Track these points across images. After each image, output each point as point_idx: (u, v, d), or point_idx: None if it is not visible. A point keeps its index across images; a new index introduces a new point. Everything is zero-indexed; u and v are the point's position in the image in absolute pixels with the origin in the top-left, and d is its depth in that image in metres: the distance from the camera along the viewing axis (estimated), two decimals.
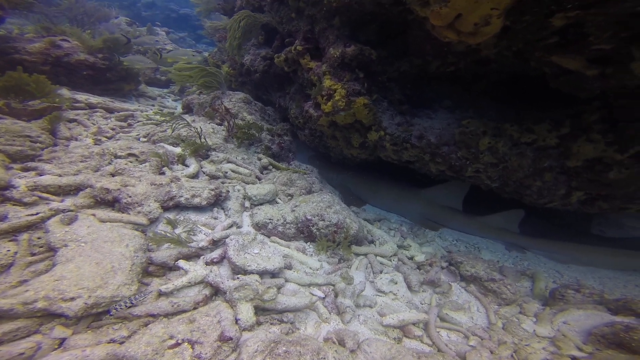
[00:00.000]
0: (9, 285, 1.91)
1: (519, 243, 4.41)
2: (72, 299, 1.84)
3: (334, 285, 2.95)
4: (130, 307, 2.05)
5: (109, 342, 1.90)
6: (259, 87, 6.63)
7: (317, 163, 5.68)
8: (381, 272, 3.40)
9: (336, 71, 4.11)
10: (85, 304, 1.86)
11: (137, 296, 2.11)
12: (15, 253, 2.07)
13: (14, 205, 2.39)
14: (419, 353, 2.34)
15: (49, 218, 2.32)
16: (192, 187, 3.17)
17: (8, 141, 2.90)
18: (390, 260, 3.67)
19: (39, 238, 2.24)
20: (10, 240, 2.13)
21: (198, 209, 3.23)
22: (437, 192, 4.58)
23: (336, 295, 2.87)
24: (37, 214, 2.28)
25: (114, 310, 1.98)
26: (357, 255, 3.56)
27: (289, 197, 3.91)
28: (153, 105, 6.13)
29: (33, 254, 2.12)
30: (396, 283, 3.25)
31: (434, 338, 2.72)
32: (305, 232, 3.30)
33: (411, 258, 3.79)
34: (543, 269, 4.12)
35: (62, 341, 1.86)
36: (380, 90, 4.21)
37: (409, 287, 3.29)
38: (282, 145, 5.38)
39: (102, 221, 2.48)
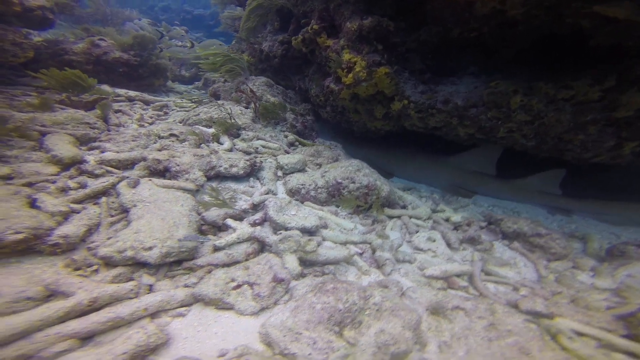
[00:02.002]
0: (104, 239, 2.25)
1: (562, 206, 4.04)
2: (150, 248, 2.14)
3: (369, 243, 2.98)
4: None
5: (185, 287, 2.19)
6: (278, 73, 6.78)
7: (340, 140, 5.77)
8: (416, 232, 3.36)
9: (354, 44, 4.13)
10: (160, 252, 2.16)
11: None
12: (100, 214, 2.41)
13: (88, 177, 2.75)
14: (467, 298, 2.34)
15: (118, 183, 2.67)
16: (229, 158, 3.43)
17: (74, 127, 3.29)
18: (426, 223, 3.58)
19: (112, 202, 2.58)
20: (94, 204, 2.48)
21: (236, 178, 3.48)
22: (466, 158, 4.38)
23: (374, 252, 2.91)
24: (108, 180, 2.62)
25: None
26: (390, 217, 3.56)
27: (318, 167, 4.08)
28: (182, 99, 6.49)
29: (112, 215, 2.45)
30: (434, 241, 3.18)
31: (481, 289, 2.63)
32: (336, 195, 3.44)
33: (447, 220, 3.67)
34: (595, 232, 3.74)
35: (150, 287, 2.14)
36: (400, 62, 4.18)
37: (448, 245, 3.19)
38: (305, 124, 5.54)
39: (157, 186, 2.79)
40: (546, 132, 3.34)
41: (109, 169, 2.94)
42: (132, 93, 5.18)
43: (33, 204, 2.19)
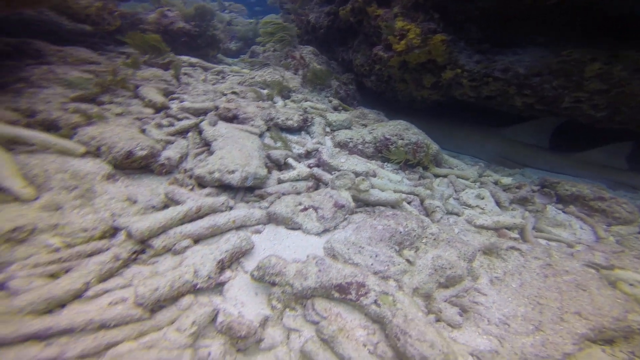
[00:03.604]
0: (194, 164, 2.70)
1: (628, 181, 3.77)
2: (233, 171, 2.44)
3: (418, 194, 2.98)
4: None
5: (259, 208, 2.47)
6: (322, 44, 6.90)
7: (382, 109, 5.87)
8: (464, 190, 3.31)
9: (409, 12, 4.03)
10: (241, 175, 2.45)
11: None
12: (188, 145, 2.88)
13: (174, 119, 3.25)
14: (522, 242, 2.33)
15: (200, 122, 3.07)
16: (285, 112, 3.70)
17: (157, 82, 3.79)
18: (473, 184, 3.48)
19: (195, 138, 3.05)
20: (183, 138, 2.95)
21: (290, 130, 3.72)
22: (519, 130, 4.23)
23: (422, 201, 2.92)
24: (191, 120, 3.09)
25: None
26: (437, 176, 3.53)
27: (363, 127, 4.25)
28: (243, 62, 6.92)
29: (196, 147, 2.92)
30: (483, 198, 3.10)
31: (532, 242, 2.57)
32: (383, 151, 3.54)
33: (496, 182, 3.55)
34: None
35: (230, 208, 2.43)
36: (456, 31, 4.04)
37: (498, 203, 3.09)
38: (348, 92, 5.70)
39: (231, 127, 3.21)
40: (623, 102, 3.13)
41: (187, 115, 3.42)
42: (193, 59, 5.67)
43: (144, 132, 2.70)
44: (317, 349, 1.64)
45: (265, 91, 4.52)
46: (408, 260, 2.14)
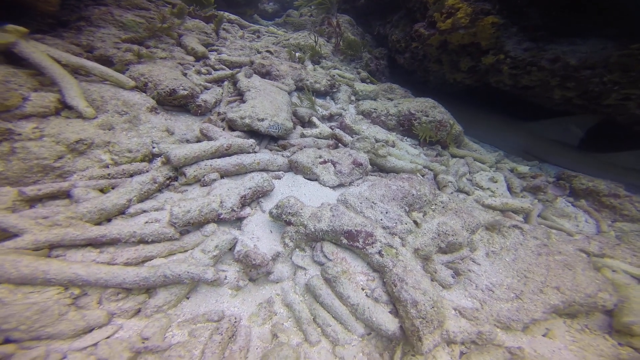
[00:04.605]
0: (225, 110, 2.83)
1: None
2: (262, 119, 2.54)
3: (432, 169, 3.01)
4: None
5: (283, 156, 2.59)
6: (359, 16, 6.56)
7: (410, 87, 5.67)
8: (478, 172, 3.30)
9: None
10: (269, 124, 2.60)
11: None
12: (222, 93, 2.99)
13: (212, 68, 3.34)
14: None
15: (237, 73, 3.17)
16: (315, 75, 3.69)
17: (198, 33, 3.85)
18: (490, 169, 3.46)
19: (229, 87, 3.15)
20: (218, 85, 3.07)
21: (317, 93, 3.69)
22: (548, 126, 4.03)
23: (435, 176, 2.95)
24: (228, 70, 3.18)
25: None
26: (454, 156, 3.52)
27: (389, 100, 4.21)
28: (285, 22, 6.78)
29: (230, 96, 3.03)
30: (496, 181, 3.11)
31: (536, 225, 2.59)
32: (405, 125, 3.52)
33: (512, 170, 3.51)
34: None
35: (255, 152, 2.53)
36: (513, 15, 3.69)
37: (510, 189, 3.10)
38: (378, 67, 5.50)
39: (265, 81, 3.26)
40: None
41: (224, 67, 3.49)
42: (232, 16, 5.62)
43: (185, 76, 2.82)
44: (321, 285, 1.80)
45: (297, 54, 4.48)
46: (415, 222, 2.21)
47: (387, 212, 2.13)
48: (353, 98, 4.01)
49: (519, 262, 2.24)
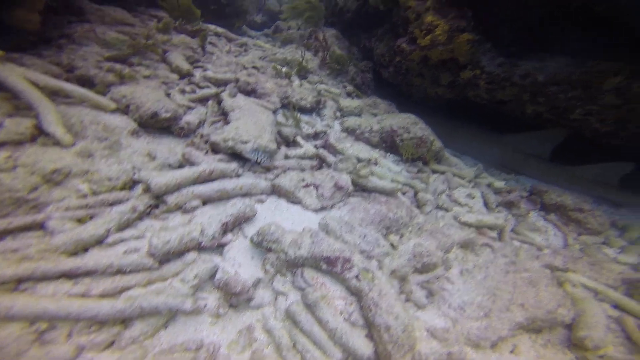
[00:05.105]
0: (209, 132, 2.82)
1: (616, 198, 3.86)
2: (246, 142, 2.54)
3: (413, 186, 3.10)
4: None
5: (265, 179, 2.60)
6: (346, 29, 6.62)
7: (394, 101, 5.77)
8: (457, 188, 3.42)
9: (441, 8, 3.83)
10: (252, 146, 2.55)
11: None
12: (206, 113, 2.97)
13: (196, 86, 3.32)
14: (496, 240, 2.53)
15: (221, 92, 3.13)
16: (301, 92, 3.73)
17: (184, 49, 3.82)
18: (468, 184, 3.59)
19: (214, 106, 3.14)
20: (202, 105, 3.05)
21: (302, 110, 3.73)
22: (522, 139, 4.17)
23: (416, 193, 3.05)
24: (213, 89, 3.16)
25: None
26: (435, 172, 3.62)
27: (373, 116, 4.25)
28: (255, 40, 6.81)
29: (214, 116, 3.02)
30: (473, 197, 3.26)
31: (507, 242, 2.76)
32: (388, 141, 3.59)
33: (489, 185, 3.66)
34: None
35: (239, 175, 2.54)
36: (485, 31, 3.84)
37: (486, 204, 3.25)
38: (364, 80, 5.58)
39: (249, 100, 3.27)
40: (631, 119, 3.11)
41: (209, 84, 3.48)
42: (219, 29, 5.58)
43: (168, 96, 2.80)
44: (301, 311, 1.84)
45: (284, 69, 4.50)
46: (392, 244, 2.28)
47: (365, 236, 2.19)
48: (338, 114, 4.07)
49: (489, 280, 2.34)
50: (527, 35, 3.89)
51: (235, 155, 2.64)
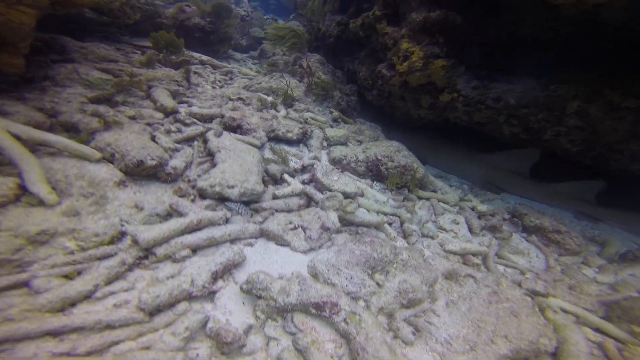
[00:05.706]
0: (195, 175, 2.83)
1: (593, 213, 4.05)
2: (233, 186, 2.57)
3: (399, 216, 3.19)
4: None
5: (253, 223, 2.62)
6: (329, 53, 6.83)
7: (380, 123, 5.92)
8: (442, 214, 3.52)
9: (415, 35, 4.03)
10: (239, 191, 2.59)
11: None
12: (192, 154, 2.99)
13: (182, 124, 3.35)
14: (479, 270, 2.62)
15: (207, 132, 3.15)
16: (287, 124, 3.82)
17: (168, 83, 3.84)
18: (452, 208, 3.70)
19: (200, 146, 3.17)
20: (188, 145, 3.07)
21: (289, 142, 3.83)
22: (503, 158, 4.36)
23: (402, 223, 3.14)
24: (198, 129, 3.19)
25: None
26: (420, 198, 3.74)
27: (359, 143, 4.38)
28: (240, 65, 6.90)
29: (200, 156, 3.04)
30: (458, 223, 3.36)
31: (491, 268, 2.85)
32: (374, 170, 3.71)
33: (473, 208, 3.78)
34: (618, 239, 3.73)
35: (227, 220, 2.55)
36: (459, 55, 4.08)
37: (470, 229, 3.35)
38: (349, 103, 5.75)
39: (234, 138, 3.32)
40: (596, 140, 3.27)
41: (195, 120, 3.51)
42: (204, 57, 5.64)
43: (153, 139, 2.81)
44: (292, 357, 1.87)
45: (269, 98, 4.59)
46: (378, 284, 2.35)
47: (351, 278, 2.26)
48: (325, 144, 4.17)
49: (473, 311, 2.43)
50: (494, 59, 4.15)
51: (224, 198, 2.67)
